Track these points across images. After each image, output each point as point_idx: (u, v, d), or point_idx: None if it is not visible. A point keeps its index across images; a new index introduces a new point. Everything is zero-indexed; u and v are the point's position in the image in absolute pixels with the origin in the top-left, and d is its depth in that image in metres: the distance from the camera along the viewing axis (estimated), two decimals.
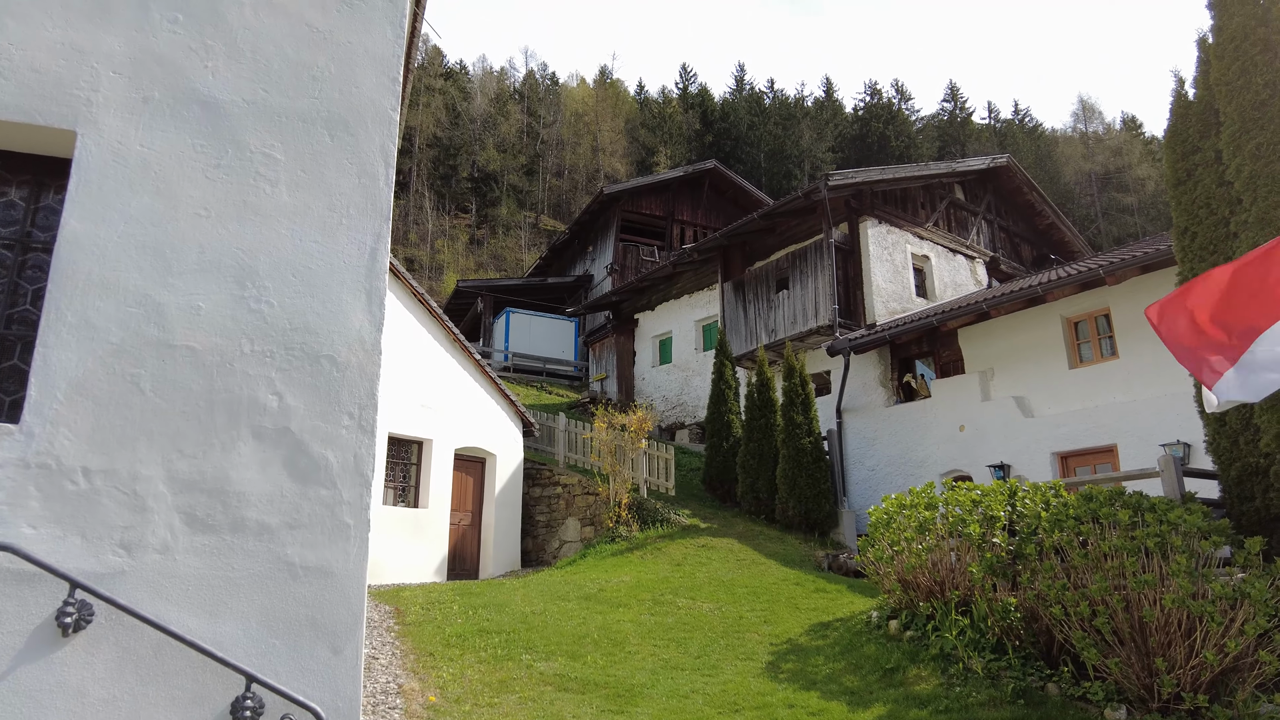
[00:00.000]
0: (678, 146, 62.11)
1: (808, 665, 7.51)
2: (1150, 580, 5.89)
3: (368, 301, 2.94)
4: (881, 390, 15.34)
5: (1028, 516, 6.95)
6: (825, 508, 13.53)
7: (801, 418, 13.72)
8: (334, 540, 2.71)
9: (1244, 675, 5.71)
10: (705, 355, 19.64)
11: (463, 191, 58.93)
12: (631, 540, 12.66)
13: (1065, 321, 12.72)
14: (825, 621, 8.83)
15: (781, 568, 11.52)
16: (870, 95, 68.02)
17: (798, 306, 16.57)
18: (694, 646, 8.15)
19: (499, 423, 13.94)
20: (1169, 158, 7.72)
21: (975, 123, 69.14)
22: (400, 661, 7.44)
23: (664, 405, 21.25)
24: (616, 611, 9.38)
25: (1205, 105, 7.40)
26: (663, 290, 22.12)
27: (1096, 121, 74.22)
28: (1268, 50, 6.69)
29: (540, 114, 64.52)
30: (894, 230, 16.98)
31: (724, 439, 15.37)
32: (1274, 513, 6.35)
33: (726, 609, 9.51)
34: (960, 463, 13.36)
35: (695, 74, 74.37)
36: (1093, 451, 11.92)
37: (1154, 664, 5.80)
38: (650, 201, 28.28)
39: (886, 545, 7.97)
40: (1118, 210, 61.44)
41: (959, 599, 7.31)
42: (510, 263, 53.54)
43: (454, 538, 13.13)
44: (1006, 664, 6.69)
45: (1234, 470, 6.76)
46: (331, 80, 3.10)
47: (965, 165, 19.11)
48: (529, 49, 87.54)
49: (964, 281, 18.16)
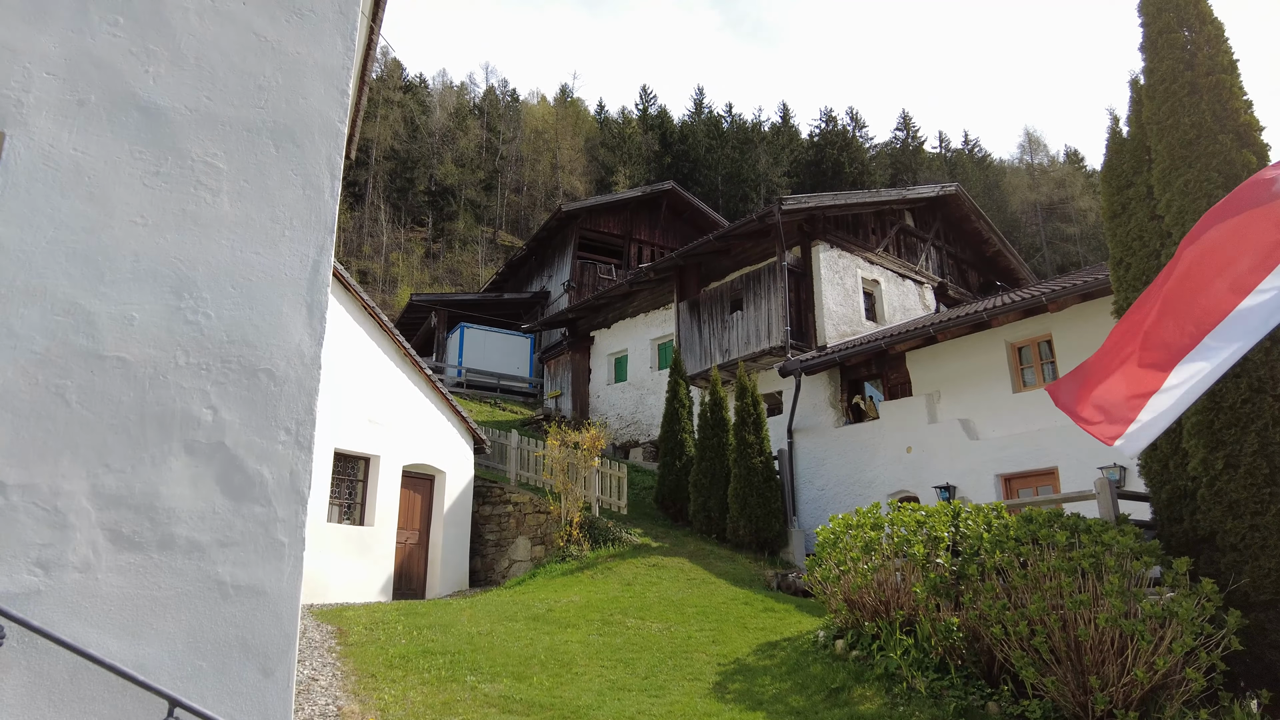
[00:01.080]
0: (637, 167, 62.54)
1: (755, 685, 7.51)
2: (1085, 600, 6.04)
3: (309, 315, 2.89)
4: (832, 411, 15.54)
5: (970, 537, 7.09)
6: (776, 527, 13.62)
7: (753, 437, 13.83)
8: (267, 559, 2.63)
9: (1172, 692, 5.88)
10: (660, 374, 19.70)
11: (419, 205, 58.43)
12: (582, 559, 12.57)
13: (1009, 346, 13.07)
14: (773, 641, 8.86)
15: (731, 587, 11.54)
16: (826, 122, 69.44)
17: (751, 327, 16.74)
18: (642, 667, 8.10)
19: (449, 439, 13.77)
20: (1105, 191, 8.03)
21: (927, 151, 71.02)
22: (341, 683, 7.25)
23: (619, 423, 21.22)
24: (565, 632, 9.29)
25: (1138, 142, 7.71)
26: (619, 308, 22.16)
27: (1042, 154, 76.88)
28: (1194, 93, 7.01)
29: (500, 130, 64.46)
30: (845, 254, 17.30)
31: (677, 458, 15.40)
32: (1201, 534, 6.57)
33: (675, 629, 9.48)
34: (907, 483, 13.58)
35: (655, 96, 75.18)
36: (1035, 474, 12.22)
37: (1088, 682, 5.94)
38: (608, 220, 28.38)
39: (833, 565, 8.05)
40: (1061, 239, 63.53)
41: (904, 619, 7.40)
42: (466, 277, 53.15)
43: (400, 556, 12.89)
44: (949, 683, 6.78)
45: (1164, 493, 6.98)
46: (278, 90, 3.06)
47: (915, 193, 19.59)
48: (490, 65, 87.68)
49: (913, 306, 18.55)
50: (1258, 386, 6.30)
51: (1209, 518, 6.47)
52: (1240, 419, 6.33)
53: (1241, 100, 6.98)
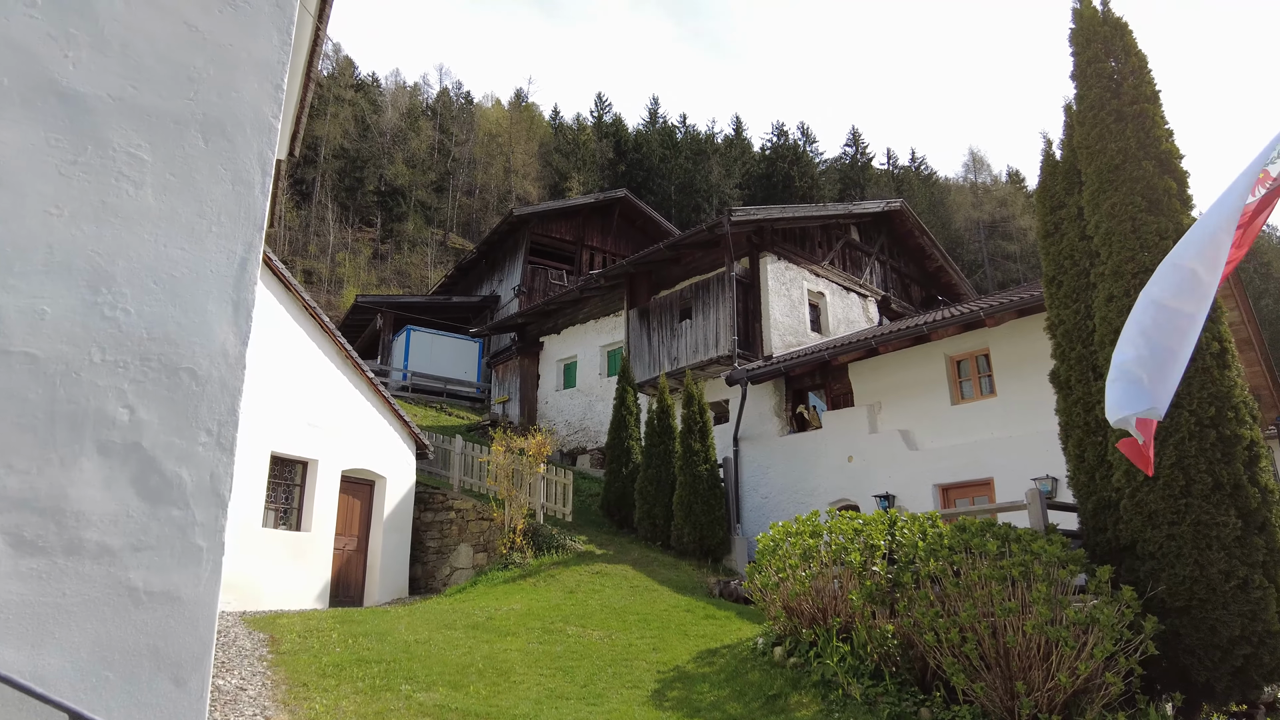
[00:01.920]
0: (590, 173, 62.51)
1: (693, 693, 7.53)
2: (1014, 608, 6.21)
3: (234, 313, 2.80)
4: (776, 420, 15.72)
5: (906, 546, 7.23)
6: (719, 534, 13.70)
7: (699, 445, 13.90)
8: (184, 563, 2.54)
9: (1093, 696, 6.08)
10: (609, 381, 19.69)
11: (368, 205, 57.45)
12: (525, 567, 12.46)
13: (948, 360, 13.40)
14: (713, 648, 8.90)
15: (674, 594, 11.56)
16: (777, 136, 70.41)
17: (700, 336, 16.85)
18: (581, 675, 8.05)
19: (391, 444, 13.53)
20: (1039, 211, 8.30)
21: (875, 168, 72.50)
22: (270, 693, 7.05)
23: (566, 430, 21.13)
24: (504, 640, 9.19)
25: (1070, 165, 7.99)
26: (569, 314, 22.09)
27: (985, 173, 79.19)
28: (1120, 120, 7.30)
29: (453, 132, 63.81)
30: (792, 267, 17.55)
31: (624, 465, 15.39)
32: (1123, 543, 6.81)
33: (617, 636, 9.45)
34: (848, 492, 13.79)
35: (610, 104, 75.19)
36: (971, 484, 12.53)
37: (1015, 687, 6.11)
38: (561, 226, 28.30)
39: (773, 572, 8.13)
40: (1002, 257, 65.45)
41: (840, 626, 7.51)
42: (415, 280, 52.40)
43: (338, 563, 12.60)
44: (884, 690, 6.90)
45: (1090, 504, 7.22)
46: (209, 82, 2.97)
47: (861, 208, 20.00)
48: (444, 66, 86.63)
49: (856, 318, 18.90)
50: (1176, 402, 6.55)
51: (1130, 527, 6.71)
52: (1160, 433, 6.58)
53: (1163, 129, 7.30)
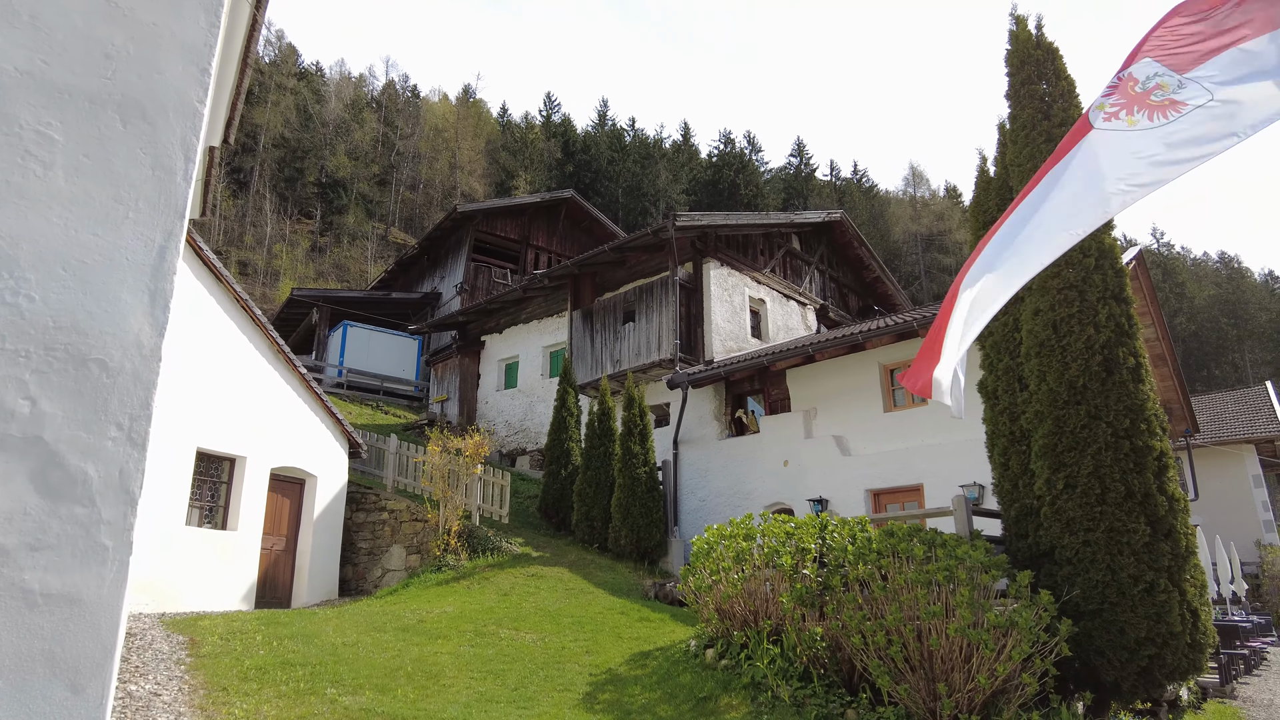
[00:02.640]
0: (538, 172, 62.17)
1: (624, 695, 7.53)
2: (938, 611, 6.38)
3: (150, 303, 2.68)
4: (716, 424, 15.85)
5: (836, 549, 7.36)
6: (656, 537, 13.74)
7: (639, 448, 13.92)
8: (87, 564, 2.42)
9: (1010, 696, 6.28)
10: (551, 382, 19.58)
11: (308, 196, 56.04)
12: (459, 569, 12.30)
13: (882, 368, 13.71)
14: (646, 651, 8.91)
15: (609, 597, 11.55)
16: (724, 144, 71.16)
17: (642, 339, 16.89)
18: (512, 678, 7.98)
19: (323, 442, 13.20)
20: (972, 225, 8.56)
21: (818, 179, 73.85)
22: (187, 698, 6.79)
23: (506, 430, 20.93)
24: (435, 643, 9.05)
25: (1003, 182, 8.26)
26: (512, 314, 21.90)
27: (924, 187, 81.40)
28: (1050, 141, 7.57)
29: (398, 125, 62.73)
30: (735, 273, 17.73)
31: (563, 466, 15.33)
32: (1042, 549, 7.06)
33: (550, 639, 9.39)
34: (784, 496, 13.99)
35: (559, 104, 75.06)
36: (902, 490, 12.83)
37: (937, 689, 6.26)
38: (506, 224, 28.05)
39: (706, 575, 8.18)
40: (939, 270, 67.33)
41: (771, 628, 7.59)
42: (354, 274, 51.30)
43: (265, 563, 12.24)
44: (812, 692, 7.00)
45: (1013, 510, 7.46)
46: (129, 61, 2.83)
47: (803, 218, 20.33)
48: (391, 59, 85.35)
49: (795, 325, 19.20)
50: (1094, 413, 6.84)
51: (1049, 534, 6.96)
52: (1079, 443, 6.85)
53: None
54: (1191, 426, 19.14)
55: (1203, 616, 6.81)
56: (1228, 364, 64.50)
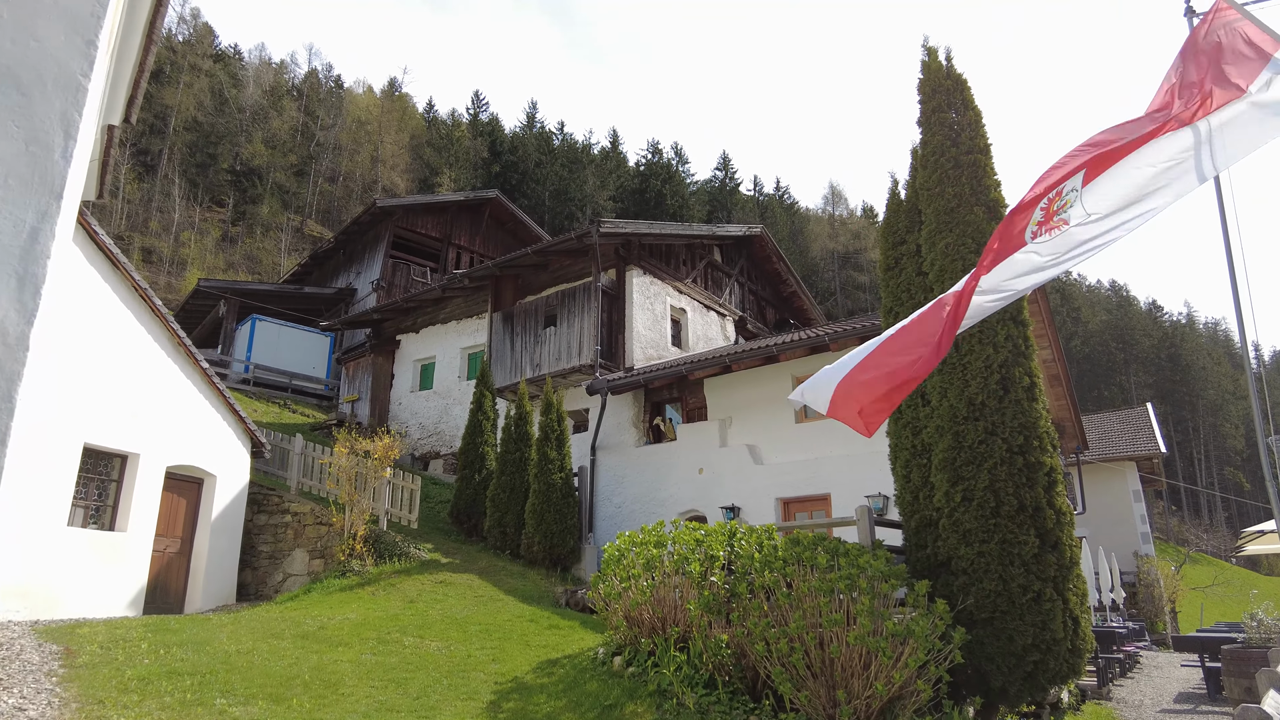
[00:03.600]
0: (463, 171, 61.24)
1: (530, 704, 7.43)
2: (839, 619, 6.52)
3: (18, 288, 2.50)
4: (634, 431, 15.89)
5: (743, 557, 7.45)
6: (570, 543, 13.66)
7: (555, 453, 13.83)
8: None
9: (906, 702, 6.47)
10: (468, 384, 19.26)
11: (221, 184, 53.68)
12: (364, 575, 11.95)
13: (795, 380, 14.01)
14: (554, 659, 8.83)
15: (519, 604, 11.41)
16: (652, 154, 71.67)
17: (563, 344, 16.80)
18: (415, 687, 7.78)
19: (223, 440, 12.63)
20: (882, 246, 8.83)
21: (743, 193, 75.19)
22: (57, 713, 6.37)
23: (420, 433, 20.47)
24: (336, 651, 8.75)
25: (912, 205, 8.57)
26: (430, 313, 21.46)
27: (843, 206, 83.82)
28: (958, 167, 7.91)
29: (319, 115, 60.78)
30: (657, 282, 17.85)
31: (476, 471, 15.09)
32: (940, 559, 7.32)
33: (456, 647, 9.21)
34: (698, 503, 14.12)
35: (488, 102, 74.06)
36: (811, 499, 13.13)
37: (837, 695, 6.40)
38: (427, 221, 27.50)
39: (616, 582, 8.17)
40: (854, 287, 69.43)
41: (679, 635, 7.63)
42: (267, 266, 49.37)
43: (157, 566, 11.61)
44: (716, 699, 7.05)
45: (914, 521, 7.72)
46: (2, 28, 2.65)
47: (725, 230, 20.62)
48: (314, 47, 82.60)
49: (715, 336, 19.45)
50: (991, 429, 7.14)
51: (947, 545, 7.22)
52: (977, 457, 7.14)
53: (993, 179, 7.96)
54: (1082, 444, 20.24)
55: (1083, 623, 7.19)
56: (1116, 386, 68.62)
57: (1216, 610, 24.88)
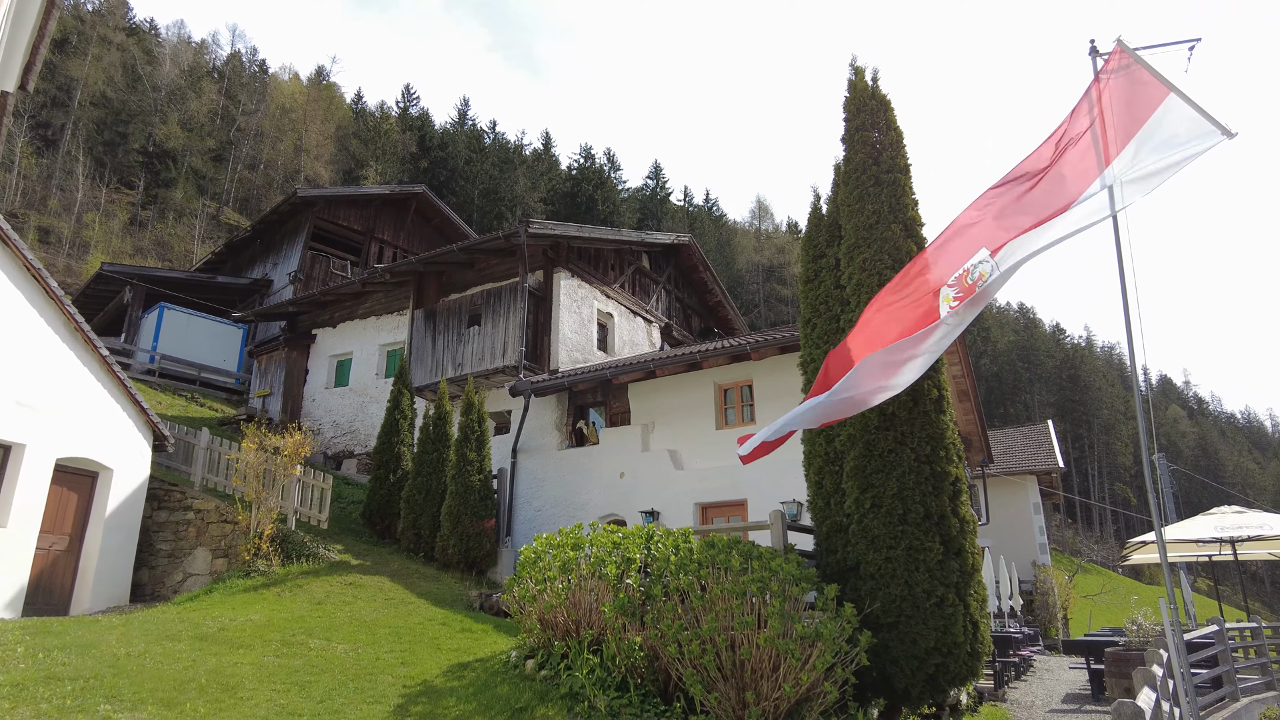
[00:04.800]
0: (390, 164, 59.94)
1: (438, 707, 7.30)
2: (750, 621, 6.63)
3: None
4: (557, 434, 15.82)
5: (660, 560, 7.50)
6: (486, 546, 13.49)
7: (474, 455, 13.64)
8: None
9: (813, 704, 6.62)
10: (386, 382, 18.81)
11: (131, 164, 51.06)
12: (270, 575, 11.52)
13: (717, 387, 14.21)
14: (465, 662, 8.70)
15: (431, 607, 11.19)
16: (585, 158, 71.64)
17: (487, 344, 16.60)
18: (319, 690, 7.54)
19: (121, 432, 11.99)
20: (803, 259, 9.04)
21: (673, 203, 75.88)
22: None
23: (334, 431, 19.88)
24: (236, 653, 8.41)
25: (833, 220, 8.80)
26: (349, 308, 20.89)
27: (769, 221, 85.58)
28: (877, 185, 8.18)
29: (241, 100, 58.53)
30: (585, 285, 17.83)
31: (391, 471, 14.75)
32: (850, 564, 7.52)
33: (364, 650, 8.96)
34: (618, 507, 14.15)
35: (419, 97, 72.72)
36: (728, 504, 13.31)
37: (746, 697, 6.50)
38: (350, 214, 26.79)
39: (531, 584, 8.11)
40: (777, 300, 70.84)
41: (593, 638, 7.62)
42: (179, 253, 47.18)
43: (41, 564, 10.93)
44: (628, 702, 7.06)
45: (825, 527, 7.91)
46: None
47: (653, 238, 20.77)
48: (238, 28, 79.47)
49: (641, 342, 19.55)
50: (900, 439, 7.39)
51: (856, 550, 7.43)
52: (886, 465, 7.37)
53: (911, 198, 8.26)
54: (988, 457, 21.14)
55: (982, 628, 7.50)
56: (1020, 403, 71.94)
57: (1103, 616, 26.31)
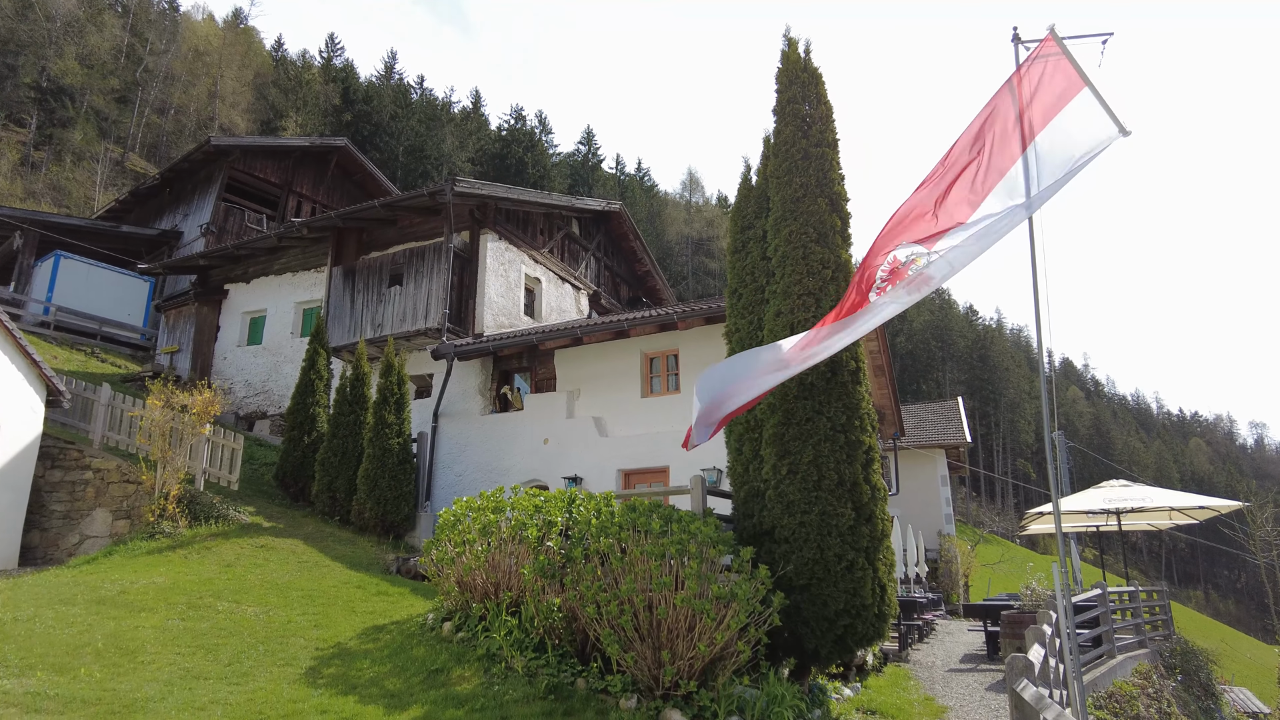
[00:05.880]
0: (312, 116, 57.46)
1: (352, 669, 7.21)
2: (668, 582, 6.75)
3: None
4: (480, 399, 15.64)
5: (581, 523, 7.53)
6: (405, 510, 13.30)
7: (393, 418, 13.38)
8: None
9: (726, 663, 6.80)
10: (302, 341, 18.19)
11: (21, 100, 47.39)
12: (176, 538, 11.11)
13: (643, 356, 14.27)
14: (381, 625, 8.60)
15: (347, 570, 11.00)
16: (515, 120, 70.20)
17: (409, 305, 16.21)
18: (227, 654, 7.35)
19: (10, 387, 11.28)
20: (731, 229, 9.11)
21: (604, 170, 75.28)
22: None
23: (246, 391, 19.17)
24: (137, 617, 8.10)
25: (762, 191, 8.87)
26: (264, 263, 20.06)
27: (700, 193, 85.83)
28: (806, 159, 8.27)
29: (149, 38, 54.87)
30: (512, 248, 17.57)
31: (306, 433, 14.34)
32: (766, 528, 7.71)
33: (275, 613, 8.76)
34: (542, 473, 14.13)
35: (343, 47, 69.50)
36: (651, 471, 13.46)
37: (661, 656, 6.63)
38: (267, 166, 25.63)
39: (450, 547, 8.05)
40: (705, 273, 71.40)
41: (511, 600, 7.63)
42: (78, 199, 44.28)
43: None
44: (545, 662, 7.12)
45: (743, 492, 8.08)
46: None
47: (584, 203, 20.57)
48: None
49: (569, 308, 19.43)
50: (818, 408, 7.58)
51: (772, 514, 7.62)
52: (804, 433, 7.56)
53: (837, 173, 8.39)
54: (900, 431, 21.93)
55: (889, 591, 7.82)
56: (933, 380, 74.79)
57: (1001, 584, 27.83)
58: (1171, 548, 71.39)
